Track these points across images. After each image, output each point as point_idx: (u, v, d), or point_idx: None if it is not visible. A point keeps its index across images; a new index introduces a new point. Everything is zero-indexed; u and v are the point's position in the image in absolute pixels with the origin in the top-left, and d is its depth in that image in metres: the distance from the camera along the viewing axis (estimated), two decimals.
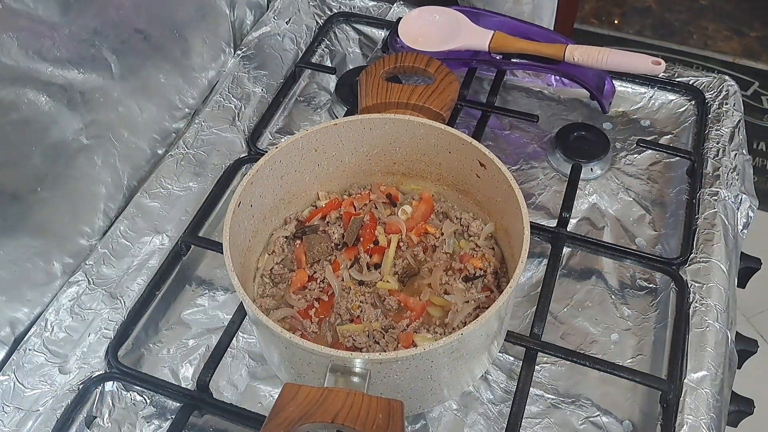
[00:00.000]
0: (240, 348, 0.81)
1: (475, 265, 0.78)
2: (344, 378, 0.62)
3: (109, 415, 0.77)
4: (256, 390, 0.79)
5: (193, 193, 0.95)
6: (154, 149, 0.99)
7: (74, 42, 0.80)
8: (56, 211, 0.83)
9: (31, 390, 0.76)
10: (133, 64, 0.91)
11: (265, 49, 1.14)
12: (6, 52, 0.71)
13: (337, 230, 0.81)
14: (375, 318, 0.74)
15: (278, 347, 0.70)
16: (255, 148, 0.99)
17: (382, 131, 0.81)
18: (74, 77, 0.81)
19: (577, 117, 1.05)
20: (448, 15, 1.09)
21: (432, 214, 0.84)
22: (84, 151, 0.85)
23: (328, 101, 1.09)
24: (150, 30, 0.93)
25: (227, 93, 1.07)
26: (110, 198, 0.92)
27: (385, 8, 1.21)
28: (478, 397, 0.77)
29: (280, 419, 0.57)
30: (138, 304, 0.83)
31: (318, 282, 0.78)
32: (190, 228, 0.89)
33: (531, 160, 1.00)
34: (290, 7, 1.20)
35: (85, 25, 0.82)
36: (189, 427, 0.74)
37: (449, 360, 0.66)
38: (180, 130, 1.03)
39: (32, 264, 0.81)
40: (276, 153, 0.77)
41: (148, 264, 0.87)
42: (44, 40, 0.76)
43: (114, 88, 0.88)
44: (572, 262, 0.89)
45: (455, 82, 0.91)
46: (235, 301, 0.84)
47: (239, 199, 0.73)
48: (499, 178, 0.75)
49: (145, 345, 0.82)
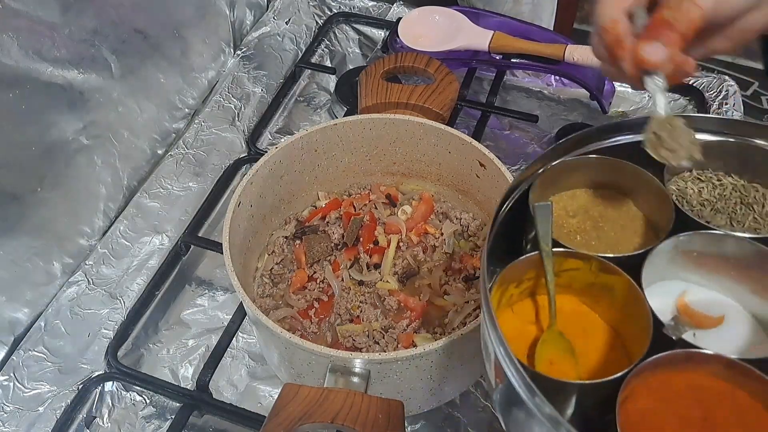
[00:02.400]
0: (240, 348, 0.81)
1: (475, 265, 0.78)
2: (344, 378, 0.62)
3: (109, 415, 0.77)
4: (255, 390, 0.78)
5: (192, 193, 0.95)
6: (154, 149, 0.99)
7: (74, 42, 0.80)
8: (56, 211, 0.83)
9: (30, 390, 0.76)
10: (132, 64, 0.91)
11: (264, 49, 1.14)
12: (6, 52, 0.71)
13: (337, 230, 0.81)
14: (375, 318, 0.74)
15: (278, 347, 0.70)
16: (255, 148, 0.99)
17: (382, 131, 0.81)
18: (74, 77, 0.81)
19: (577, 117, 1.05)
20: (448, 15, 1.09)
21: (432, 214, 0.84)
22: (84, 151, 0.85)
23: (328, 101, 1.09)
24: (150, 30, 0.93)
25: (227, 93, 1.07)
26: (110, 198, 0.92)
27: (385, 8, 1.21)
28: (478, 397, 0.77)
29: (280, 419, 0.57)
30: (138, 304, 0.83)
31: (318, 282, 0.78)
32: (189, 228, 0.89)
33: (531, 160, 1.00)
34: (290, 7, 1.20)
35: (85, 26, 0.82)
36: (189, 427, 0.74)
37: (449, 360, 0.66)
38: (180, 130, 1.03)
39: (32, 264, 0.81)
40: (276, 153, 0.77)
41: (147, 264, 0.88)
42: (44, 40, 0.76)
43: (114, 88, 0.88)
44: None
45: (455, 82, 0.91)
46: (234, 301, 0.84)
47: (239, 199, 0.73)
48: (499, 179, 0.75)
49: (145, 345, 0.82)
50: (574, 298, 0.59)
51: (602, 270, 0.56)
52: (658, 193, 0.61)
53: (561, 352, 0.56)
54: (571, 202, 0.66)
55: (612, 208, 0.65)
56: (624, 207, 0.65)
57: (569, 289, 0.58)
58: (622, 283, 0.55)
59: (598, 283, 0.57)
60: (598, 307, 0.58)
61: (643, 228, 0.64)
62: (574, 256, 0.57)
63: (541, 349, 0.55)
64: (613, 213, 0.65)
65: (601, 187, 0.66)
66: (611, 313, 0.58)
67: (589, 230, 0.64)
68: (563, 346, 0.56)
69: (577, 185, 0.66)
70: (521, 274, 0.57)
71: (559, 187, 0.65)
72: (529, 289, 0.59)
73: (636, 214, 0.65)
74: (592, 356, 0.56)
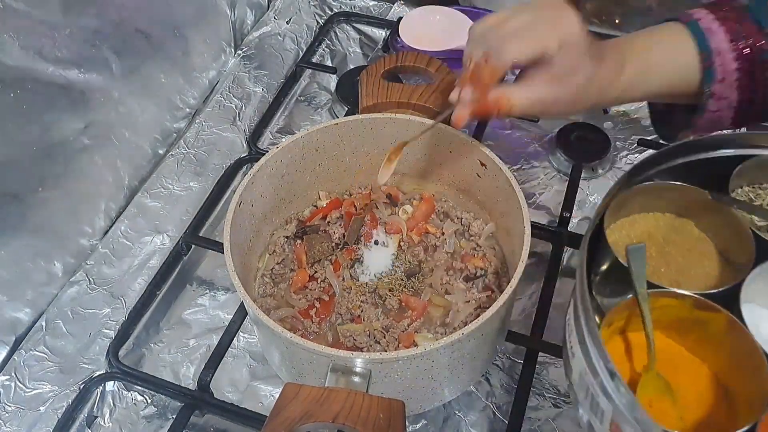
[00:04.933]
0: (241, 348, 0.81)
1: (476, 264, 0.78)
2: (345, 378, 0.62)
3: (110, 415, 0.77)
4: (256, 390, 0.78)
5: (193, 193, 0.95)
6: (155, 149, 0.99)
7: (75, 42, 0.80)
8: (57, 211, 0.83)
9: (32, 390, 0.77)
10: (133, 64, 0.91)
11: (265, 48, 1.14)
12: (7, 52, 0.71)
13: (338, 230, 0.81)
14: (376, 318, 0.74)
15: (279, 347, 0.70)
16: (255, 148, 0.99)
17: (383, 131, 0.81)
18: (75, 77, 0.81)
19: (578, 116, 1.05)
20: (449, 15, 1.09)
21: (433, 213, 0.84)
22: (85, 150, 0.85)
23: (329, 101, 1.09)
24: (151, 30, 0.93)
25: (228, 93, 1.07)
26: (111, 198, 0.92)
27: (386, 8, 1.21)
28: (478, 397, 0.77)
29: (281, 419, 0.57)
30: (139, 303, 0.83)
31: (319, 282, 0.78)
32: (190, 228, 0.89)
33: (532, 160, 1.00)
34: (291, 7, 1.20)
35: (86, 25, 0.82)
36: (190, 426, 0.74)
37: (450, 360, 0.66)
38: (181, 130, 1.03)
39: (33, 264, 0.81)
40: (277, 152, 0.77)
41: (148, 264, 0.88)
42: (45, 40, 0.76)
43: (115, 87, 0.88)
44: (573, 262, 0.89)
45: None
46: (235, 301, 0.84)
47: (240, 198, 0.73)
48: (500, 178, 0.75)
49: (146, 345, 0.82)
50: (663, 332, 0.58)
51: (697, 306, 0.55)
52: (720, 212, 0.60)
53: (660, 393, 0.55)
54: (632, 229, 0.65)
55: (674, 231, 0.64)
56: (686, 228, 0.64)
57: (657, 323, 0.57)
58: (720, 319, 0.54)
59: (690, 318, 0.56)
60: (688, 341, 0.57)
61: (708, 248, 0.63)
62: (668, 295, 0.56)
63: (641, 392, 0.54)
64: (676, 236, 0.64)
65: (658, 210, 0.65)
66: (703, 346, 0.57)
67: (656, 256, 0.63)
68: (661, 386, 0.55)
69: (633, 210, 0.65)
70: (613, 315, 0.56)
71: (618, 215, 0.64)
72: (619, 328, 0.58)
73: (699, 236, 0.64)
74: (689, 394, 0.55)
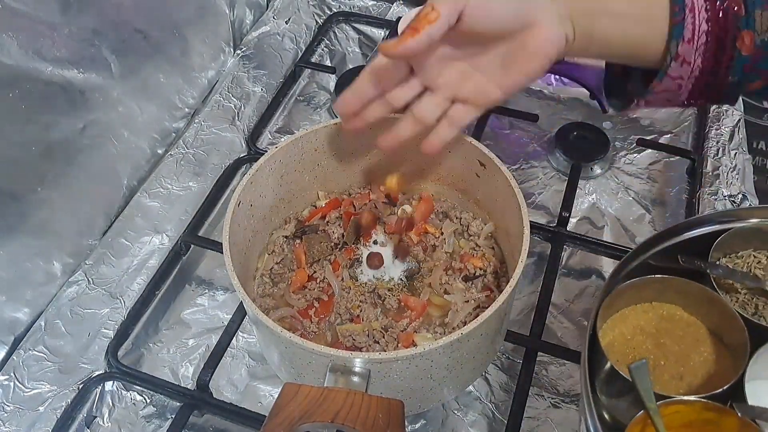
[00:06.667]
0: (240, 348, 0.81)
1: (475, 264, 0.78)
2: (344, 377, 0.62)
3: (109, 415, 0.77)
4: (256, 389, 0.79)
5: (192, 193, 0.95)
6: (154, 149, 0.99)
7: (74, 42, 0.80)
8: (56, 211, 0.83)
9: (31, 390, 0.76)
10: (132, 64, 0.91)
11: (264, 48, 1.14)
12: (6, 51, 0.71)
13: (337, 230, 0.81)
14: (375, 317, 0.74)
15: (278, 347, 0.70)
16: (255, 148, 0.99)
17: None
18: (74, 77, 0.81)
19: (577, 116, 1.05)
20: None
21: (432, 213, 0.84)
22: (84, 150, 0.85)
23: (328, 101, 1.09)
24: (150, 30, 0.93)
25: (227, 92, 1.07)
26: (110, 198, 0.92)
27: (385, 8, 1.21)
28: (478, 397, 0.77)
29: (280, 419, 0.57)
30: (138, 303, 0.83)
31: (318, 282, 0.78)
32: (189, 227, 0.89)
33: (531, 160, 1.00)
34: (290, 7, 1.20)
35: (85, 25, 0.82)
36: (189, 426, 0.74)
37: (449, 359, 0.66)
38: (180, 130, 1.03)
39: (32, 264, 0.81)
40: (276, 152, 0.77)
41: (147, 264, 0.88)
42: (44, 40, 0.76)
43: (114, 87, 0.88)
44: (572, 262, 0.89)
45: None
46: (234, 301, 0.84)
47: (239, 198, 0.73)
48: (499, 178, 0.75)
49: (145, 345, 0.82)
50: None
51: (706, 409, 0.56)
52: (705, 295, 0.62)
53: None
54: (624, 325, 0.66)
55: (664, 320, 0.65)
56: (676, 314, 0.66)
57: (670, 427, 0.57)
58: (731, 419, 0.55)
59: (701, 419, 0.57)
60: None
61: (701, 331, 0.64)
62: (676, 402, 0.57)
63: None
64: (667, 324, 0.65)
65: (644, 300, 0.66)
66: None
67: (652, 349, 0.64)
68: None
69: (621, 306, 0.66)
70: (631, 429, 0.57)
71: (607, 314, 0.65)
72: None
73: (689, 320, 0.65)
74: None
